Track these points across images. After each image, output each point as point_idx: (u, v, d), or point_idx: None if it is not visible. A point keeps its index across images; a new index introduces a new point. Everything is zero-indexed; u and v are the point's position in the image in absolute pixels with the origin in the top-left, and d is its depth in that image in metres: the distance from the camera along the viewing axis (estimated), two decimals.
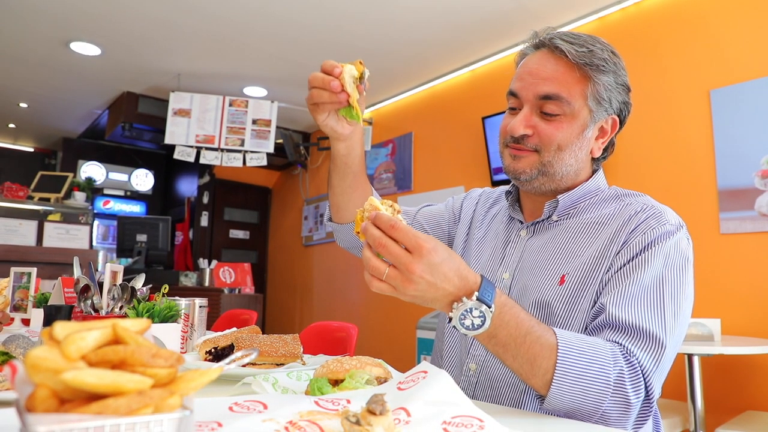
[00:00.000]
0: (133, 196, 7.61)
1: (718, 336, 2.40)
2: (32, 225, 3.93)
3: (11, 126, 6.76)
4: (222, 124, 4.94)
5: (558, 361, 0.80)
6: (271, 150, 5.01)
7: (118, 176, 7.40)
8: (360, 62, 1.00)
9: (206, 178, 6.88)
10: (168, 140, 4.82)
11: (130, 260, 4.92)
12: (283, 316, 6.64)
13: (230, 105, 4.98)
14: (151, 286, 1.37)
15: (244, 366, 1.02)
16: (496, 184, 4.04)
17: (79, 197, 4.66)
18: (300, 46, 4.24)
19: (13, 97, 5.72)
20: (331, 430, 0.59)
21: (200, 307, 1.42)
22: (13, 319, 1.86)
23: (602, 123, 1.06)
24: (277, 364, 1.06)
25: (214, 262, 5.03)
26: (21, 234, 3.87)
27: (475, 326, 0.79)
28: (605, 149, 1.11)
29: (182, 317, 1.29)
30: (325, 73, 0.97)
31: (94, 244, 6.81)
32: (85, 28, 4.08)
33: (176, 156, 4.85)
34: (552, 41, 1.03)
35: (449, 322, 0.81)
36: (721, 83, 2.98)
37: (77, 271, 1.51)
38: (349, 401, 0.70)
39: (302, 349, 1.09)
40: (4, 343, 0.94)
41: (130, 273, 1.40)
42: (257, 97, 5.21)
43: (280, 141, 5.69)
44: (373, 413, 0.54)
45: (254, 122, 5.00)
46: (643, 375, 0.83)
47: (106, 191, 7.31)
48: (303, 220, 6.41)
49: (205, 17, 3.85)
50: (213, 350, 1.14)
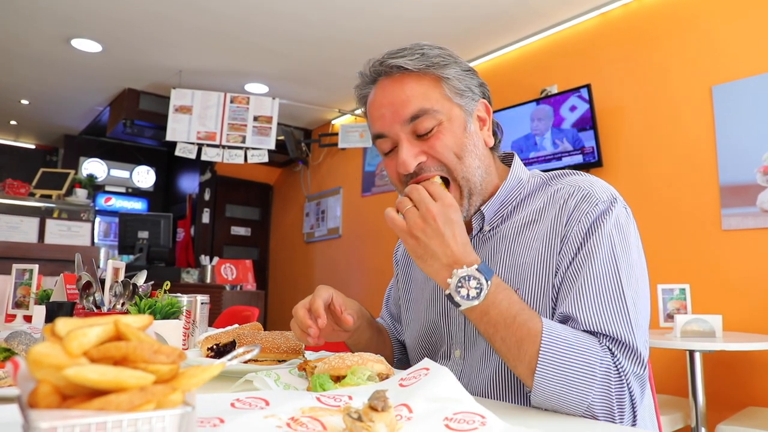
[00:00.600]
0: (135, 192, 7.61)
1: (720, 332, 2.40)
2: (34, 222, 3.94)
3: (13, 123, 6.76)
4: (223, 121, 4.93)
5: (542, 347, 0.79)
6: (273, 146, 5.01)
7: (120, 173, 7.40)
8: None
9: (208, 175, 6.88)
10: (169, 137, 4.82)
11: (131, 257, 4.93)
12: (284, 313, 6.65)
13: (231, 102, 4.97)
14: (152, 282, 1.37)
15: (245, 362, 1.02)
16: None
17: (81, 194, 4.66)
18: (301, 43, 4.23)
19: (14, 94, 5.72)
20: (333, 426, 0.59)
21: (202, 303, 1.42)
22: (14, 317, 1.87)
23: (476, 112, 1.03)
24: (279, 361, 1.06)
25: (216, 259, 5.03)
26: (23, 231, 3.88)
27: (470, 297, 0.80)
28: (494, 134, 1.07)
29: (184, 314, 1.30)
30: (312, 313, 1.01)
31: (96, 241, 6.82)
32: (87, 25, 4.08)
33: (177, 153, 4.85)
34: (384, 65, 0.98)
35: (445, 291, 0.82)
36: (723, 79, 2.97)
37: (79, 268, 1.51)
38: (350, 397, 0.70)
39: (304, 346, 1.09)
40: (7, 340, 0.94)
41: (131, 270, 1.40)
42: (258, 94, 5.21)
43: (282, 137, 5.69)
44: (375, 409, 0.54)
45: (255, 119, 4.99)
46: (625, 375, 0.82)
47: (107, 188, 7.31)
48: (304, 217, 6.41)
49: (207, 14, 3.85)
50: (215, 347, 1.14)
